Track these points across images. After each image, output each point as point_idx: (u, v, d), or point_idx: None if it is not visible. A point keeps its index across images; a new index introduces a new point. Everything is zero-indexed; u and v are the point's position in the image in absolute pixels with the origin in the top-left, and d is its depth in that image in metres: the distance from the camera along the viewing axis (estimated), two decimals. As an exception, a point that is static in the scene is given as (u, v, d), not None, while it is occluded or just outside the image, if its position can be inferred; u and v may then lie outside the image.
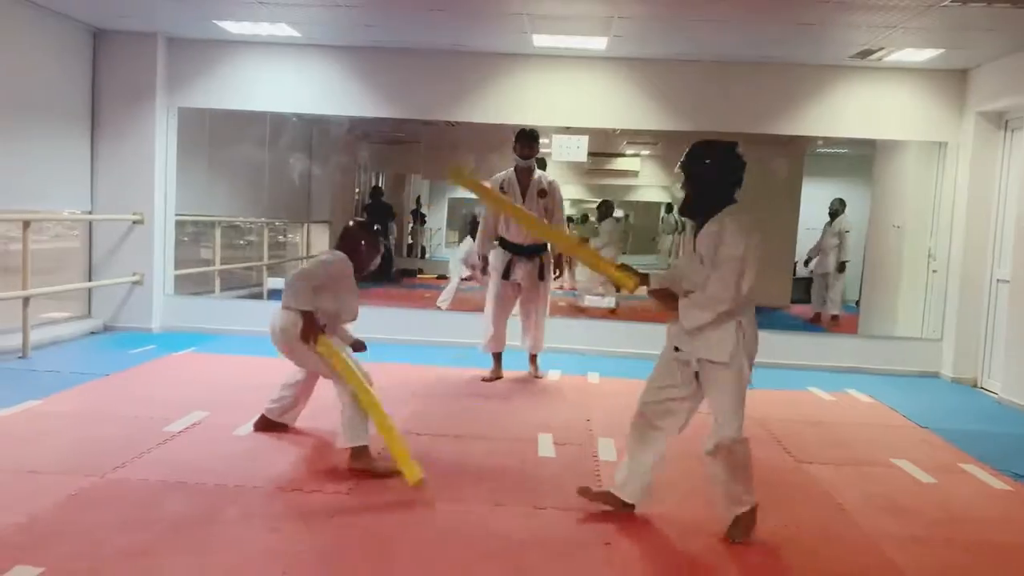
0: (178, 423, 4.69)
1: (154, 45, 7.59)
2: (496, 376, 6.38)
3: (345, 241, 4.42)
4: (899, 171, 8.38)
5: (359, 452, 4.08)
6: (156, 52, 7.61)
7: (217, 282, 8.91)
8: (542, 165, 7.90)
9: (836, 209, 9.89)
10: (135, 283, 7.75)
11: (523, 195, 6.15)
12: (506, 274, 6.22)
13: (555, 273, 6.48)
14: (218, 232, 8.91)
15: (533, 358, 6.57)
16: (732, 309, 3.28)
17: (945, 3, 5.35)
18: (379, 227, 4.65)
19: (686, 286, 3.39)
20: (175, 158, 7.91)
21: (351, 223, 4.58)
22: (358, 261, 4.39)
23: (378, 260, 4.56)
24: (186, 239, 8.73)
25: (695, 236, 3.44)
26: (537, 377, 6.50)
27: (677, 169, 3.50)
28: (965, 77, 7.36)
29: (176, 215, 7.99)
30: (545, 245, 6.24)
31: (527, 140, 6.15)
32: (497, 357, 6.44)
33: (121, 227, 7.73)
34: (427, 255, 12.92)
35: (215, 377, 6.05)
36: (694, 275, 3.37)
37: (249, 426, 4.68)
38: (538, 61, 7.66)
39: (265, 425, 4.66)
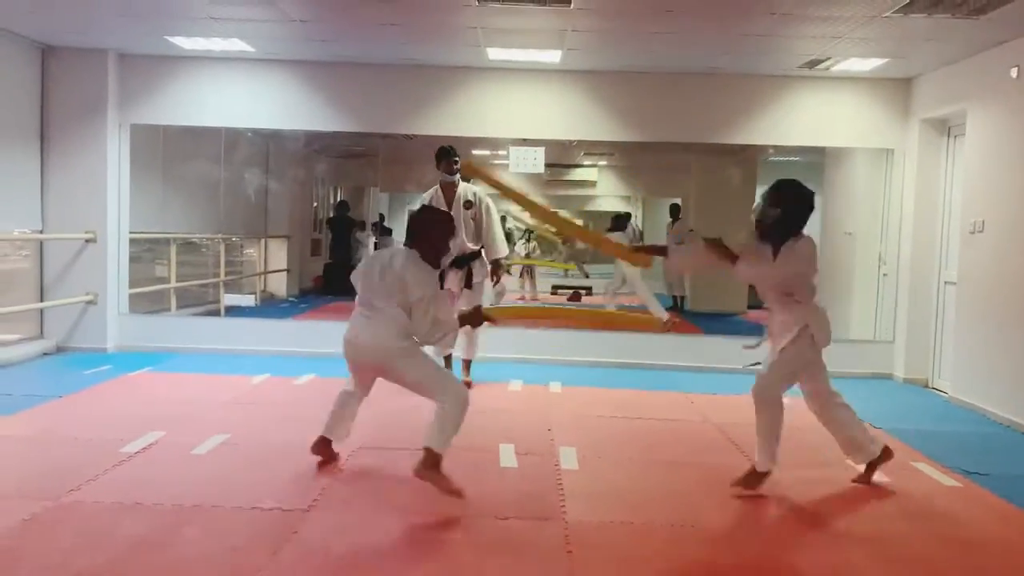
0: (134, 444, 4.62)
1: (105, 61, 7.51)
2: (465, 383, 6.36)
3: (413, 235, 4.09)
4: (849, 178, 8.57)
5: (433, 459, 3.90)
6: (107, 68, 7.53)
7: (173, 300, 8.79)
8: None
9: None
10: (88, 302, 7.62)
11: (449, 207, 6.18)
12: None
13: (492, 280, 6.53)
14: (173, 249, 8.79)
15: (466, 365, 6.60)
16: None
17: (887, 14, 5.51)
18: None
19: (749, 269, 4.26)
20: (128, 175, 7.82)
21: (419, 212, 4.43)
22: (429, 255, 4.05)
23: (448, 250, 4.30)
24: (140, 257, 8.60)
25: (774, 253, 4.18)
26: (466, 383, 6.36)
27: (762, 197, 4.28)
28: (909, 85, 7.57)
29: (130, 232, 7.89)
30: (474, 254, 6.35)
31: (450, 157, 6.27)
32: (467, 364, 6.55)
33: (73, 246, 7.60)
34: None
35: (172, 396, 5.97)
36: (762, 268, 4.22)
37: (207, 444, 4.63)
38: (493, 74, 7.72)
39: (322, 448, 4.41)
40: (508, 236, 8.75)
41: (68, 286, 7.60)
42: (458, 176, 6.32)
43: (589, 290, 11.36)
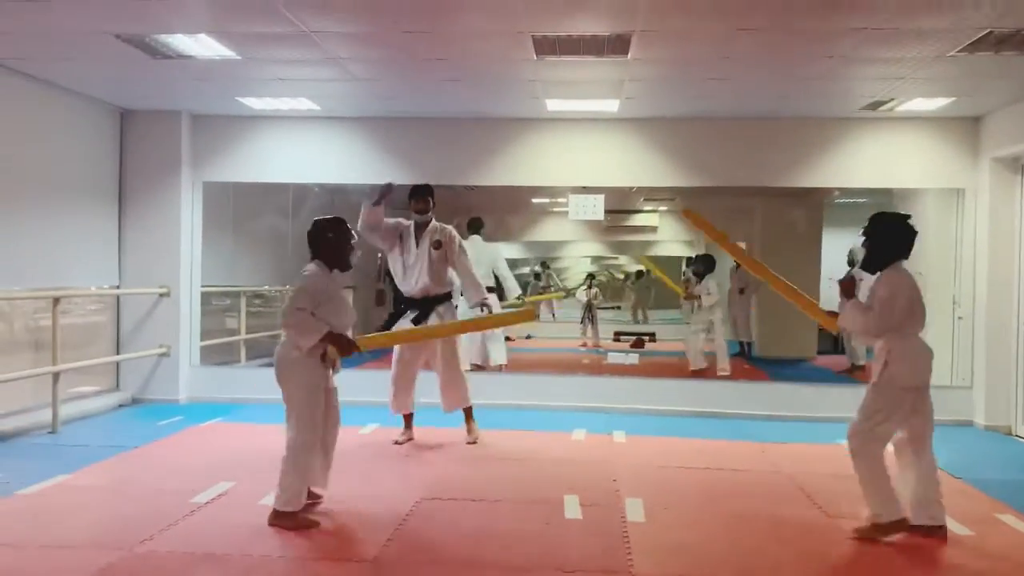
0: (205, 494, 4.71)
1: (179, 122, 7.84)
2: (407, 438, 6.18)
3: (313, 247, 4.36)
4: (918, 218, 8.29)
5: (275, 516, 4.12)
6: (181, 129, 7.85)
7: (243, 351, 9.00)
8: (478, 225, 7.96)
9: (853, 257, 9.84)
10: (162, 355, 7.85)
11: (416, 245, 6.09)
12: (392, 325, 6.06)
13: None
14: (243, 302, 9.03)
15: (467, 416, 6.28)
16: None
17: (951, 54, 5.42)
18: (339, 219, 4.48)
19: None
20: (200, 231, 8.09)
21: (312, 225, 4.43)
22: (333, 259, 4.35)
23: (352, 249, 4.45)
24: (212, 309, 8.84)
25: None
26: (470, 442, 6.17)
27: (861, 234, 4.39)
28: (978, 124, 7.40)
29: (202, 286, 8.13)
30: (438, 298, 6.08)
31: (424, 195, 6.13)
32: (407, 419, 6.26)
33: (148, 300, 7.87)
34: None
35: (241, 447, 6.07)
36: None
37: (275, 496, 4.68)
38: (552, 124, 7.81)
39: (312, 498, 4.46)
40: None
41: (143, 339, 7.85)
42: (431, 216, 6.14)
43: (653, 336, 11.26)
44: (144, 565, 3.67)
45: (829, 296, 10.17)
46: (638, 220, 11.33)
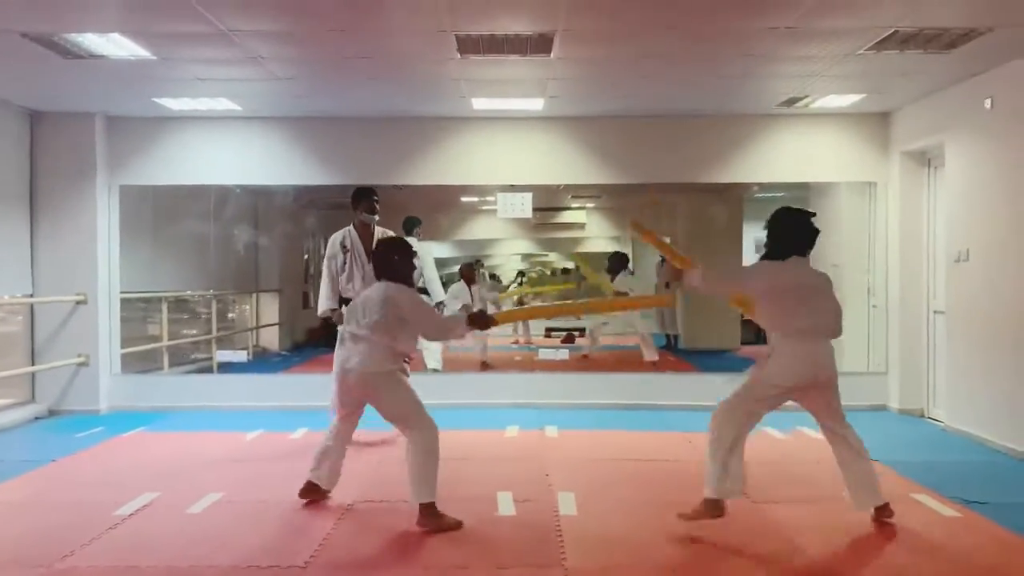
0: (128, 505, 4.58)
1: (92, 124, 7.60)
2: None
3: (389, 269, 4.44)
4: (833, 211, 8.65)
5: (427, 509, 4.19)
6: (95, 131, 7.61)
7: (166, 358, 8.76)
8: (412, 225, 7.94)
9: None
10: (80, 364, 7.60)
11: (367, 251, 6.13)
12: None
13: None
14: (165, 307, 8.80)
15: None
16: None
17: (860, 52, 5.63)
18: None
19: None
20: (118, 235, 7.86)
21: (378, 246, 4.64)
22: (407, 280, 4.49)
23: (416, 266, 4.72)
24: (132, 316, 8.59)
25: None
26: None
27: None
28: (888, 119, 7.70)
29: (121, 292, 7.90)
30: None
31: (371, 197, 6.22)
32: None
33: (64, 308, 7.60)
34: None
35: (166, 456, 5.92)
36: None
37: (203, 503, 4.60)
38: (478, 123, 7.83)
39: (311, 491, 4.63)
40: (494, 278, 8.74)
41: (59, 349, 7.58)
42: (376, 218, 6.23)
43: (583, 331, 11.37)
44: (65, 581, 3.55)
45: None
46: (566, 217, 11.43)
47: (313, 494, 4.63)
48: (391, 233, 6.26)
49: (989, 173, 6.19)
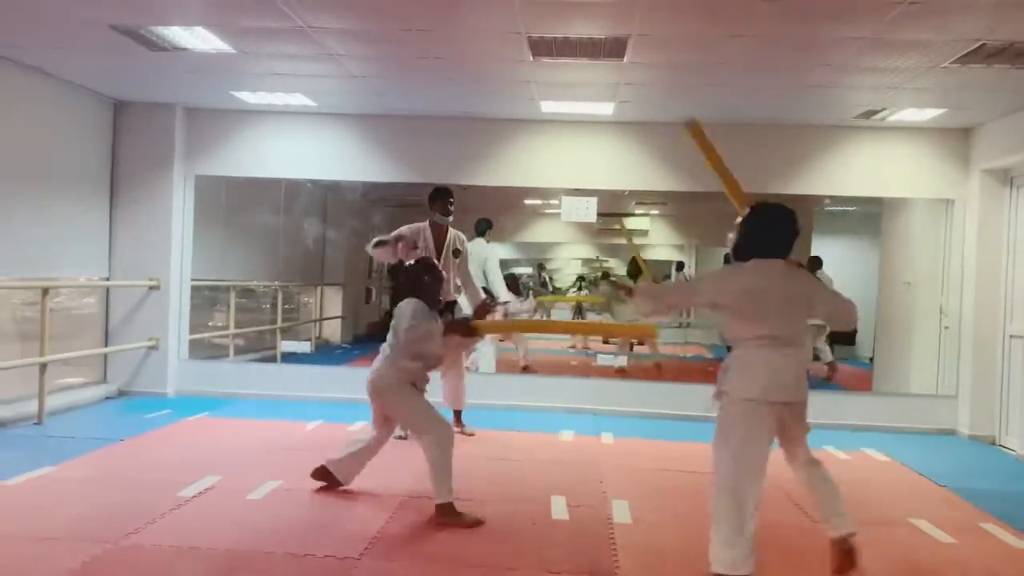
0: (191, 488, 4.70)
1: (173, 115, 7.82)
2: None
3: (408, 285, 4.63)
4: (907, 228, 8.42)
5: (443, 509, 4.31)
6: (175, 122, 7.83)
7: (232, 346, 8.97)
8: (484, 227, 7.93)
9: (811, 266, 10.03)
10: (151, 348, 7.83)
11: (438, 252, 6.21)
12: None
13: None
14: (232, 296, 9.00)
15: (457, 416, 6.42)
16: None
17: (945, 64, 5.46)
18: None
19: None
20: (192, 224, 8.07)
21: (407, 267, 4.83)
22: (430, 299, 4.61)
23: (441, 288, 4.85)
24: (201, 304, 8.82)
25: None
26: (469, 434, 6.38)
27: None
28: (969, 135, 7.46)
29: (192, 280, 8.11)
30: (449, 305, 6.15)
31: (447, 198, 6.27)
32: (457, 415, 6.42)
33: (137, 292, 7.84)
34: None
35: (228, 441, 6.06)
36: None
37: (263, 489, 4.69)
38: (547, 126, 7.83)
39: (323, 475, 4.80)
40: (515, 283, 8.74)
41: (132, 332, 7.82)
42: (450, 219, 6.30)
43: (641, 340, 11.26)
44: (129, 558, 3.66)
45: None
46: (630, 223, 11.36)
47: (325, 479, 4.78)
48: (462, 236, 6.43)
49: (1076, 194, 5.95)
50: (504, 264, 9.67)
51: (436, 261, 6.14)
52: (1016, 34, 4.83)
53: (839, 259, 10.09)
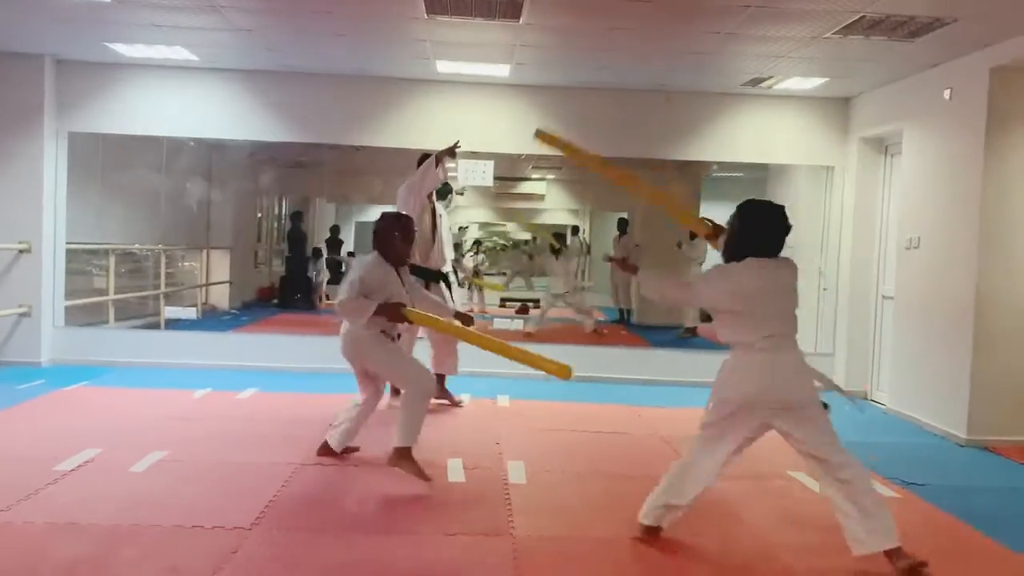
0: (69, 461, 4.47)
1: (41, 67, 7.31)
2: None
3: (377, 237, 4.52)
4: (790, 194, 8.74)
5: (401, 452, 4.34)
6: (44, 74, 7.32)
7: (111, 312, 8.56)
8: (447, 191, 7.90)
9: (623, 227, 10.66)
10: (22, 315, 7.38)
11: (432, 215, 6.23)
12: None
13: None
14: (112, 260, 8.57)
15: (440, 380, 6.35)
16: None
17: (826, 35, 5.65)
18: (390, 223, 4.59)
19: None
20: (65, 184, 7.61)
21: (380, 218, 4.61)
22: (393, 255, 4.50)
23: (411, 248, 4.72)
24: (77, 268, 8.36)
25: None
26: (454, 403, 6.39)
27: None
28: (848, 104, 7.78)
29: (67, 243, 7.67)
30: (440, 273, 6.18)
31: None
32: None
33: (6, 256, 7.36)
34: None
35: (109, 412, 5.79)
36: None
37: (146, 461, 4.51)
38: (442, 86, 7.72)
39: (327, 451, 4.73)
40: (456, 247, 8.76)
41: (0, 298, 7.35)
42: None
43: (536, 302, 11.39)
44: (1, 536, 3.45)
45: (704, 266, 10.57)
46: (526, 188, 11.39)
47: (327, 453, 4.73)
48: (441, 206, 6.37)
49: (944, 163, 6.30)
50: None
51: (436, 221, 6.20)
52: (893, 7, 5.04)
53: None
